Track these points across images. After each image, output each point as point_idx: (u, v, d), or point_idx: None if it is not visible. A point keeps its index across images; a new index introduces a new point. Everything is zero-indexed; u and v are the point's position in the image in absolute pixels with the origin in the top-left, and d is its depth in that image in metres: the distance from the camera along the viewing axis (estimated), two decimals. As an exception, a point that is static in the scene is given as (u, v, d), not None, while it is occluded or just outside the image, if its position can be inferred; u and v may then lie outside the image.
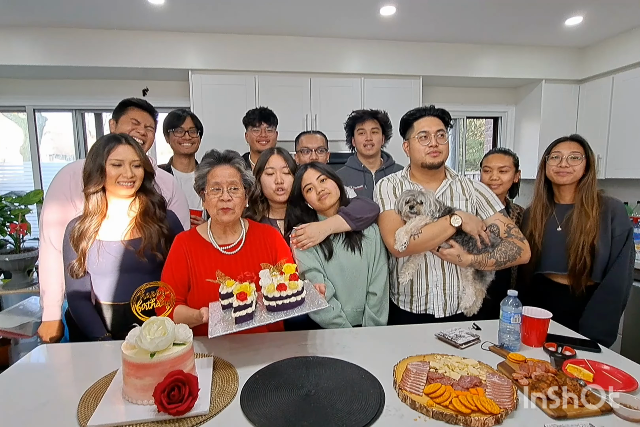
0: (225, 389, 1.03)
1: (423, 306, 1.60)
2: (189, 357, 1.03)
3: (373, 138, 2.18)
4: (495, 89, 3.86)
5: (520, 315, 1.24)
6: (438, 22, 2.94)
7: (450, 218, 1.48)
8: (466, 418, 0.86)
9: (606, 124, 3.23)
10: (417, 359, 1.14)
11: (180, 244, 1.42)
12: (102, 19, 2.76)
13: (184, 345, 1.00)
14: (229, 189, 1.35)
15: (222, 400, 0.98)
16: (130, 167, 1.39)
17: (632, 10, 2.73)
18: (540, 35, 3.22)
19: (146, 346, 0.94)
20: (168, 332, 0.97)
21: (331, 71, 3.22)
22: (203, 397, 0.96)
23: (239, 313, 1.13)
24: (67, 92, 3.31)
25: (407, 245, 1.47)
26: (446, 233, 1.49)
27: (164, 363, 0.95)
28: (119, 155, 1.38)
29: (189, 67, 3.06)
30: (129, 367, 0.96)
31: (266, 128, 2.25)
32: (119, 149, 1.38)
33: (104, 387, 1.04)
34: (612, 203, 1.64)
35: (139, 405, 0.95)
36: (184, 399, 0.90)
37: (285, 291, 1.16)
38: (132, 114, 1.76)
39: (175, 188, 1.81)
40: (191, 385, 0.92)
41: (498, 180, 1.94)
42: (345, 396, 0.98)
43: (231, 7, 2.63)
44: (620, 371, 1.08)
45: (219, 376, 1.10)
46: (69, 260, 1.42)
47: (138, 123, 1.76)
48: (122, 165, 1.38)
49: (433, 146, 1.56)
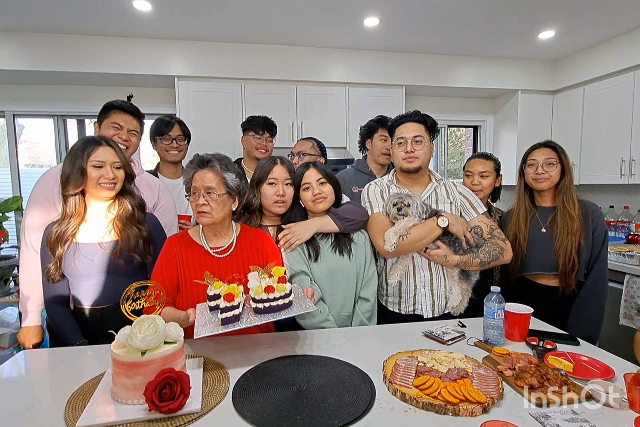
0: (217, 387, 1.03)
1: (411, 307, 1.63)
2: (180, 356, 1.02)
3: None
4: (475, 98, 4.01)
5: (503, 311, 1.28)
6: (420, 34, 3.05)
7: (438, 219, 1.53)
8: (454, 408, 0.89)
9: (579, 132, 3.39)
10: (405, 354, 1.17)
11: (171, 246, 1.42)
12: (88, 24, 2.76)
13: (175, 343, 1.00)
14: (205, 193, 1.36)
15: (213, 398, 0.98)
16: (112, 169, 1.39)
17: (601, 25, 2.90)
18: (516, 48, 3.37)
19: (137, 344, 0.93)
20: (159, 330, 0.97)
21: (316, 80, 3.29)
22: (195, 396, 0.96)
23: (226, 314, 1.13)
24: (48, 98, 3.27)
25: (397, 245, 1.50)
26: (433, 234, 1.53)
27: (155, 361, 0.95)
28: (100, 156, 1.37)
29: (175, 73, 3.08)
30: (119, 366, 0.95)
31: (267, 137, 2.28)
32: (99, 150, 1.38)
33: (91, 389, 1.02)
34: (591, 205, 1.73)
35: (129, 405, 0.94)
36: (176, 397, 0.89)
37: (273, 293, 1.17)
38: (115, 118, 1.71)
39: (162, 192, 1.79)
40: (183, 383, 0.92)
41: (479, 185, 1.97)
42: (336, 391, 0.99)
43: (219, 15, 2.67)
44: (598, 362, 1.13)
45: (209, 375, 1.09)
46: (45, 264, 1.40)
47: (120, 127, 1.72)
48: (104, 166, 1.37)
49: (408, 152, 1.60)
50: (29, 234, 1.53)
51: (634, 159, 2.94)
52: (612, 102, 3.10)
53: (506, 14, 2.71)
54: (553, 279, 1.72)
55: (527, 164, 1.79)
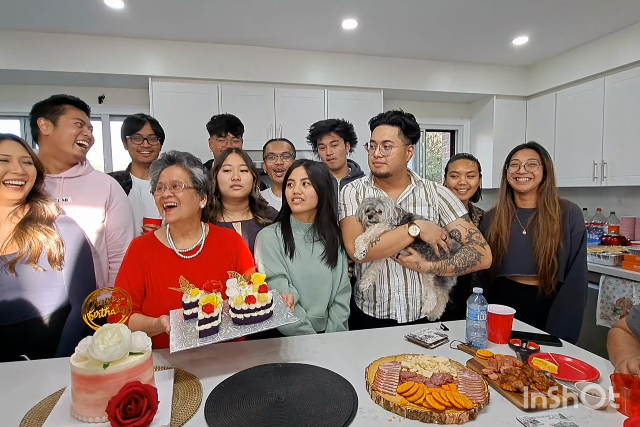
0: (188, 401, 0.96)
1: (386, 311, 1.59)
2: (148, 368, 0.94)
3: (334, 151, 2.16)
4: (452, 103, 4.06)
5: (486, 312, 1.26)
6: (397, 38, 3.07)
7: (409, 227, 1.48)
8: (440, 415, 0.85)
9: (552, 137, 3.47)
10: (388, 360, 1.12)
11: (135, 248, 1.35)
12: (57, 22, 2.65)
13: (141, 354, 0.92)
14: (171, 186, 1.31)
15: (184, 413, 0.91)
16: (20, 164, 1.25)
17: (571, 32, 2.99)
18: (491, 54, 3.44)
19: (99, 355, 0.85)
20: (124, 340, 0.89)
21: (295, 82, 3.26)
22: (163, 411, 0.88)
23: (204, 326, 1.06)
24: (15, 98, 3.10)
25: (366, 253, 1.47)
26: (404, 241, 1.49)
27: (119, 374, 0.86)
28: (5, 150, 1.23)
29: (149, 73, 2.99)
30: (78, 380, 0.86)
31: (232, 138, 2.19)
32: (4, 144, 1.24)
33: (50, 406, 0.93)
34: (570, 205, 1.74)
35: (90, 423, 0.85)
36: (142, 413, 0.82)
37: (254, 303, 1.12)
38: (74, 114, 1.56)
39: (115, 191, 1.66)
40: (150, 397, 0.85)
41: (466, 184, 1.98)
42: (317, 400, 0.94)
43: (194, 15, 2.61)
44: (582, 363, 1.11)
45: (180, 387, 1.02)
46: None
47: (83, 123, 1.58)
48: (10, 160, 1.23)
49: (375, 156, 1.57)
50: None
51: (605, 162, 3.02)
52: (584, 107, 3.19)
53: (481, 20, 2.76)
54: (532, 279, 1.72)
55: (510, 164, 1.79)
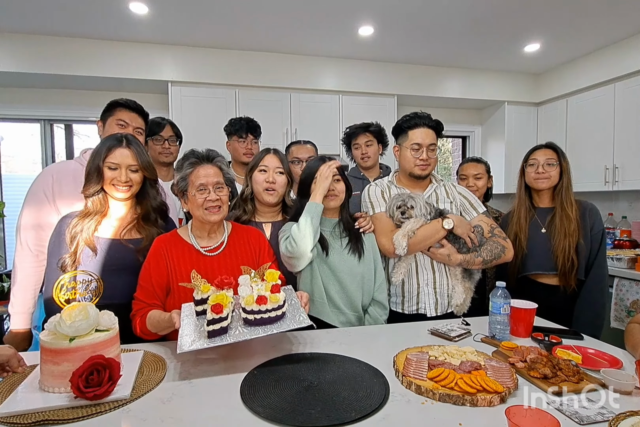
0: (152, 377, 1.02)
1: (415, 306, 1.61)
2: (113, 344, 1.00)
3: (368, 151, 2.33)
4: (463, 110, 4.11)
5: (509, 305, 1.28)
6: (411, 45, 3.14)
7: (443, 221, 1.53)
8: (472, 398, 0.87)
9: (563, 142, 3.49)
10: (415, 350, 1.15)
11: (159, 246, 1.36)
12: (82, 27, 2.74)
13: (107, 331, 0.98)
14: (214, 188, 1.34)
15: (145, 386, 0.96)
16: (127, 171, 1.35)
17: (582, 40, 3.05)
18: (503, 61, 3.50)
19: (65, 330, 0.92)
20: (90, 316, 0.95)
21: (310, 87, 3.33)
22: (126, 384, 0.94)
23: (213, 327, 1.05)
24: (35, 102, 3.20)
25: (408, 249, 1.50)
26: (438, 235, 1.54)
27: (84, 348, 0.93)
28: (115, 158, 1.33)
29: (168, 78, 3.07)
30: (46, 353, 0.93)
31: (252, 140, 2.25)
32: (116, 152, 1.34)
33: (20, 378, 0.99)
34: (589, 204, 1.78)
35: (55, 393, 0.91)
36: (103, 383, 0.87)
37: (266, 304, 1.09)
38: (120, 115, 1.67)
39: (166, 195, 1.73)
40: (112, 369, 0.89)
41: (474, 186, 2.09)
42: (349, 385, 0.97)
43: (214, 22, 2.70)
44: (604, 353, 1.14)
45: (146, 365, 1.08)
46: (58, 255, 1.31)
47: (126, 125, 1.67)
48: (118, 169, 1.34)
49: (423, 159, 1.61)
50: (25, 233, 1.47)
51: (617, 167, 3.05)
52: (594, 112, 3.23)
53: (494, 28, 2.83)
54: (553, 277, 1.74)
55: (528, 164, 1.83)
